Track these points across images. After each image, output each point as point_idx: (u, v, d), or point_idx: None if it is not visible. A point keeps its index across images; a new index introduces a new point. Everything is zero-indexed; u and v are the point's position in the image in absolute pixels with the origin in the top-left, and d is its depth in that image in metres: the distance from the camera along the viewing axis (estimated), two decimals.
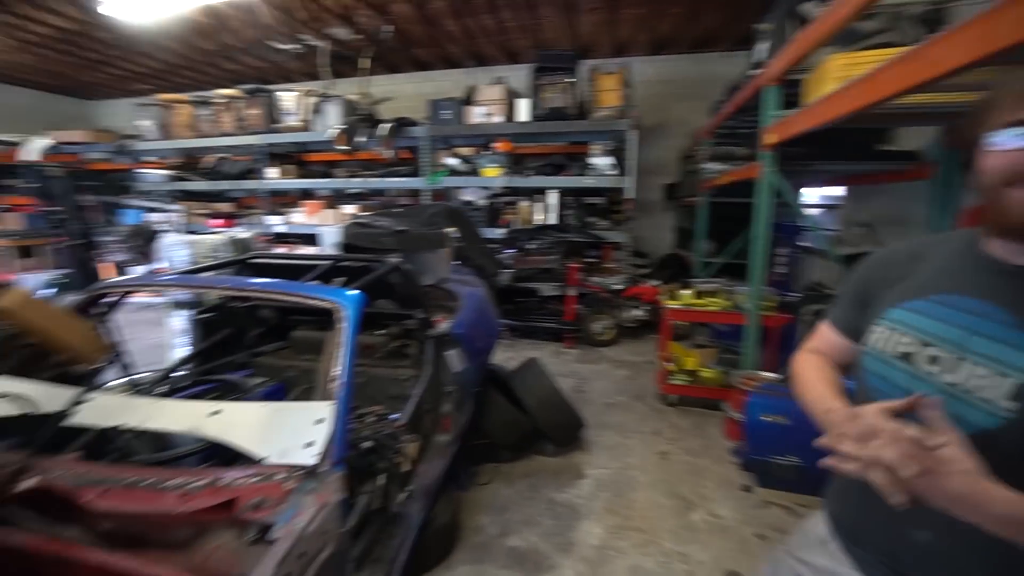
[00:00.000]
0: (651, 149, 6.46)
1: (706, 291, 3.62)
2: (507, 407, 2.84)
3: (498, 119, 5.42)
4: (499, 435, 2.85)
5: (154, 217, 6.83)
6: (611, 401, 3.80)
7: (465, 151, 5.81)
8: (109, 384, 1.97)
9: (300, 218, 6.14)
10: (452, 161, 5.61)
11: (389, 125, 5.53)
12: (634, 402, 3.79)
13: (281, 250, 5.42)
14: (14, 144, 7.27)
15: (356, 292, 1.75)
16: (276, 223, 6.16)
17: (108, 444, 1.59)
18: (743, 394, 2.82)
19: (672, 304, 3.56)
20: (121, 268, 6.19)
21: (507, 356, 4.43)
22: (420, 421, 2.33)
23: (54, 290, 5.56)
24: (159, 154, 7.38)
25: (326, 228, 4.57)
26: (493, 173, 5.39)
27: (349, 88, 6.38)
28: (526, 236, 5.13)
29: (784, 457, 2.53)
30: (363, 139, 5.58)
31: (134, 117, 7.50)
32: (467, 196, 5.87)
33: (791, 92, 2.62)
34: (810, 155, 2.89)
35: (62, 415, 1.43)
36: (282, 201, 6.70)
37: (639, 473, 2.87)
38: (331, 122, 5.80)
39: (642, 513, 2.53)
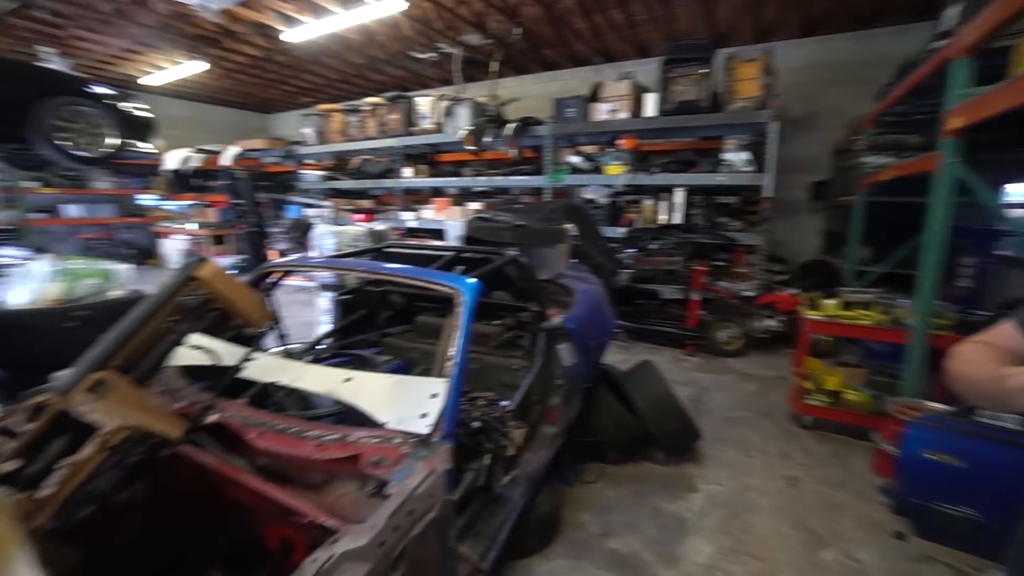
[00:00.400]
0: (794, 143, 5.81)
1: (857, 302, 3.14)
2: (617, 407, 2.77)
3: (624, 115, 5.29)
4: (607, 435, 2.79)
5: (310, 212, 7.89)
6: (733, 415, 3.50)
7: (588, 149, 5.77)
8: (270, 348, 2.32)
9: (430, 214, 6.63)
10: (575, 159, 5.61)
11: (514, 125, 5.71)
12: (760, 419, 3.45)
13: (410, 242, 5.90)
14: (216, 152, 8.95)
15: (474, 280, 1.84)
16: (408, 219, 6.73)
17: (266, 396, 1.88)
18: (900, 424, 2.40)
19: (814, 315, 3.15)
20: (283, 255, 7.25)
21: (621, 358, 4.31)
22: (528, 410, 2.37)
23: (236, 271, 6.72)
24: (316, 157, 8.50)
25: (452, 223, 4.87)
26: (616, 171, 5.28)
27: (478, 91, 6.72)
28: (648, 236, 4.94)
29: (954, 507, 2.09)
30: (490, 139, 5.84)
31: (299, 126, 8.71)
32: (589, 194, 5.83)
33: (989, 65, 2.16)
34: (1010, 141, 2.35)
35: (236, 368, 1.71)
36: (415, 199, 7.30)
37: (760, 496, 2.60)
38: (461, 124, 6.17)
39: (761, 540, 2.29)
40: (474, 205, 6.29)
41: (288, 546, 1.30)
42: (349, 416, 1.75)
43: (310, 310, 4.38)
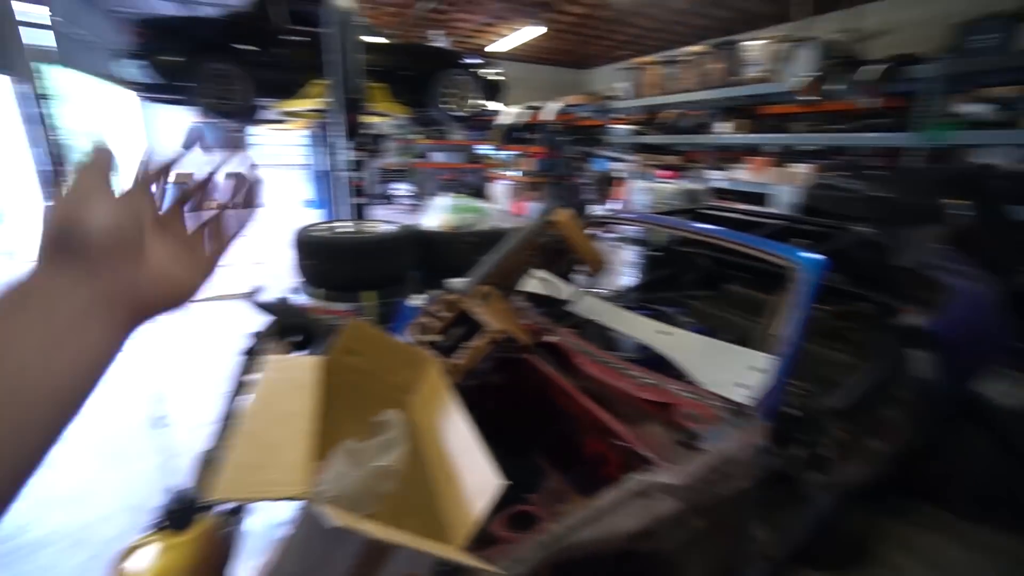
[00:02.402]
0: None
1: None
2: (993, 452, 2.08)
3: None
4: (967, 482, 2.15)
5: (615, 165, 8.22)
6: None
7: (1003, 91, 4.12)
8: (590, 289, 2.62)
9: (744, 175, 6.03)
10: (975, 108, 4.09)
11: (881, 67, 4.51)
12: None
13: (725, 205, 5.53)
14: (538, 108, 10.14)
15: (820, 256, 1.62)
16: (717, 178, 6.27)
17: (589, 330, 2.14)
18: None
19: None
20: (585, 205, 7.85)
21: (1004, 390, 3.17)
22: (856, 414, 2.03)
23: None
24: (628, 111, 8.66)
25: (779, 188, 4.29)
26: None
27: (831, 26, 5.53)
28: None
29: None
30: (839, 87, 4.80)
31: (614, 80, 8.96)
32: (992, 158, 4.21)
33: None
34: None
35: (567, 302, 2.00)
36: (727, 157, 6.73)
37: None
38: (800, 70, 5.24)
39: None
40: (800, 167, 5.39)
41: (601, 459, 1.50)
42: (651, 364, 1.84)
43: (613, 258, 4.68)
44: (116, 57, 4.74)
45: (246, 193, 0.56)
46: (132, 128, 8.03)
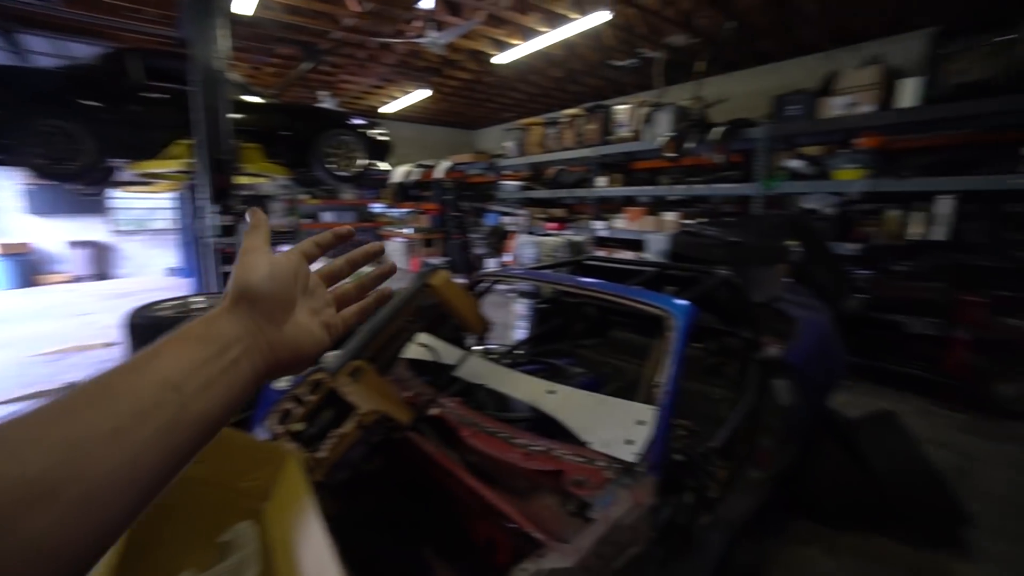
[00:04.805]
0: None
1: None
2: (847, 463, 2.29)
3: (866, 108, 4.40)
4: (829, 493, 2.33)
5: (506, 220, 8.50)
6: None
7: (812, 151, 4.97)
8: (474, 349, 2.53)
9: (622, 224, 6.53)
10: (794, 163, 4.87)
11: (722, 128, 5.23)
12: None
13: (602, 253, 5.88)
14: (431, 166, 10.32)
15: (687, 303, 1.70)
16: (600, 228, 6.72)
17: (469, 395, 2.03)
18: None
19: None
20: (481, 259, 7.95)
21: (845, 400, 3.59)
22: (734, 448, 2.12)
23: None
24: (515, 168, 9.12)
25: (652, 235, 4.67)
26: (851, 176, 4.41)
27: (681, 95, 6.36)
28: (893, 256, 4.01)
29: None
30: (693, 145, 5.47)
31: (501, 139, 9.46)
32: (810, 204, 5.01)
33: None
34: None
35: (452, 367, 1.89)
36: (607, 208, 7.27)
37: None
38: (661, 130, 5.91)
39: None
40: (669, 215, 5.96)
41: (492, 545, 1.37)
42: (540, 425, 1.78)
43: (505, 313, 4.70)
44: None
45: (379, 273, 0.61)
46: None
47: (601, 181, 6.90)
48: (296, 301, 0.47)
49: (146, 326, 2.68)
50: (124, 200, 10.26)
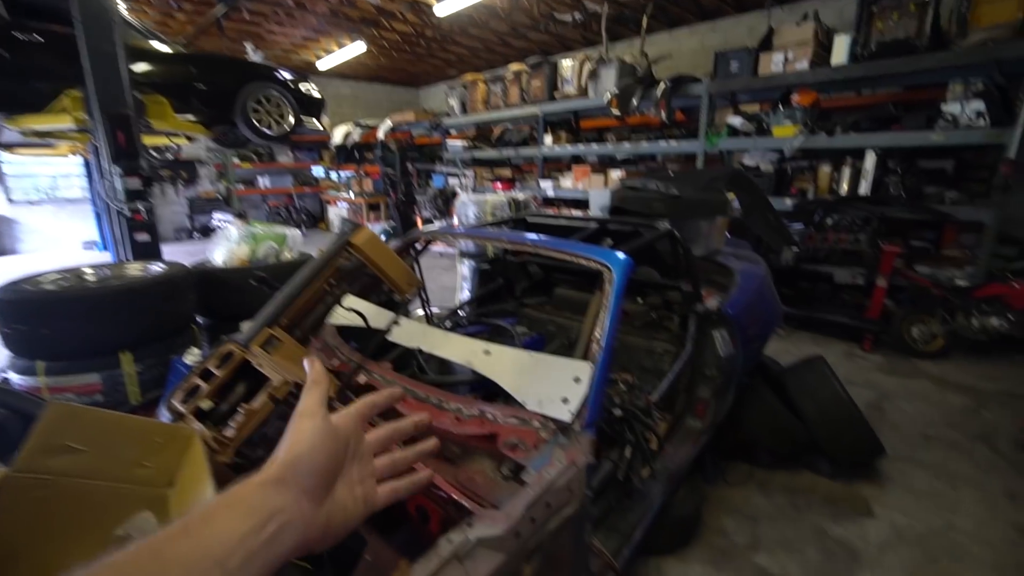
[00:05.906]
0: None
1: None
2: (778, 408, 2.39)
3: (801, 65, 4.46)
4: (763, 437, 2.44)
5: (453, 181, 8.23)
6: (930, 433, 2.83)
7: (752, 108, 5.03)
8: (413, 313, 2.41)
9: (569, 183, 6.45)
10: (735, 120, 4.92)
11: (666, 85, 5.18)
12: (973, 443, 2.74)
13: (550, 212, 5.80)
14: (373, 127, 9.75)
15: (624, 256, 1.65)
16: (547, 187, 6.62)
17: (407, 360, 1.93)
18: None
19: None
20: (427, 222, 7.71)
21: (779, 348, 3.77)
22: (674, 400, 2.15)
23: (385, 237, 7.32)
24: (460, 127, 8.77)
25: (595, 192, 4.63)
26: (787, 132, 4.50)
27: (626, 50, 6.25)
28: (823, 209, 4.17)
29: None
30: (637, 102, 5.39)
31: (446, 98, 9.06)
32: (750, 160, 5.10)
33: None
34: None
35: (383, 332, 1.77)
36: (555, 167, 7.15)
37: (971, 542, 2.05)
38: (606, 87, 5.80)
39: None
40: (616, 173, 5.93)
41: (424, 514, 1.31)
42: (482, 386, 1.72)
43: (451, 275, 4.58)
44: None
45: (416, 453, 0.58)
46: None
47: (548, 140, 6.75)
48: (343, 471, 0.47)
49: (19, 302, 2.31)
50: (18, 165, 9.11)
